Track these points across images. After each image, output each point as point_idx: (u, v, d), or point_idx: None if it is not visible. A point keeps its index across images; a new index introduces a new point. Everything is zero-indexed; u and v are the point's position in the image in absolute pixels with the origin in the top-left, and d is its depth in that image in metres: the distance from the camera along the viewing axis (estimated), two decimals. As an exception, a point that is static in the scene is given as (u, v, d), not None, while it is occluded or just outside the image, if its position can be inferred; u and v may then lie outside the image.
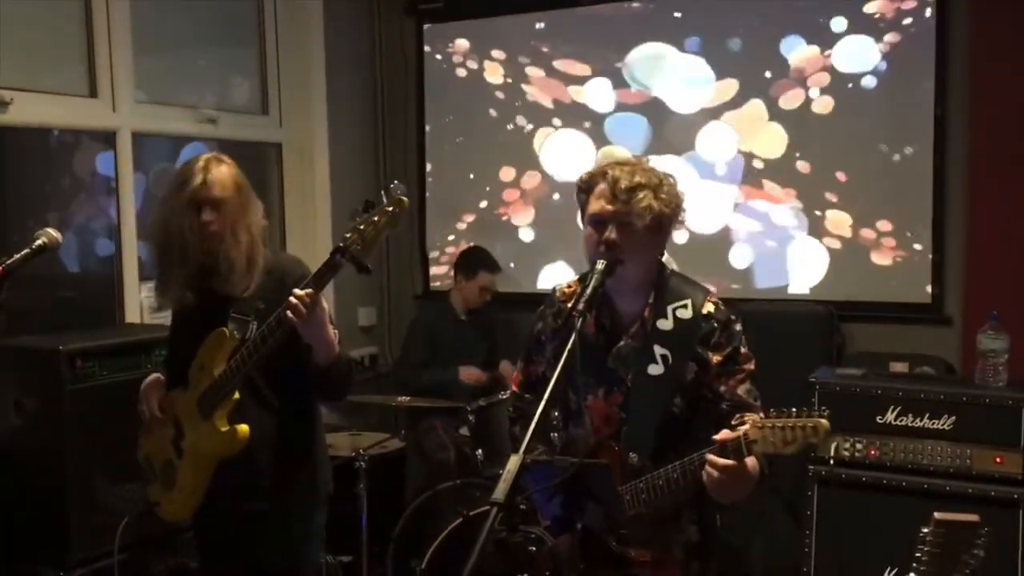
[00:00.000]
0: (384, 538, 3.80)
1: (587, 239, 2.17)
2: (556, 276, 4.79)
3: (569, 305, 2.27)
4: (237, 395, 2.45)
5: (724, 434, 1.94)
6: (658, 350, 2.14)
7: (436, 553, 3.46)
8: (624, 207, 2.08)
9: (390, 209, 2.24)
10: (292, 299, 2.28)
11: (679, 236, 2.85)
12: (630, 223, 2.08)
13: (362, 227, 2.23)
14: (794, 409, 1.88)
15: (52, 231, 2.38)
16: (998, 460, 3.10)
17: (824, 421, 1.85)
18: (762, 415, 1.93)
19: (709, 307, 2.16)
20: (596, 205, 2.12)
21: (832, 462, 3.32)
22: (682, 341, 2.13)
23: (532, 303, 2.53)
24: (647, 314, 2.17)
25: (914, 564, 1.49)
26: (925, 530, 1.48)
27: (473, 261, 4.60)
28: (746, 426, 1.92)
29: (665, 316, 2.15)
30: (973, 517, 1.47)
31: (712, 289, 2.24)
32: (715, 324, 2.14)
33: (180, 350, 2.61)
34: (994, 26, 3.90)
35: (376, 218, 2.23)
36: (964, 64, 4.01)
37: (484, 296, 4.58)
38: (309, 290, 2.28)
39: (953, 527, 1.47)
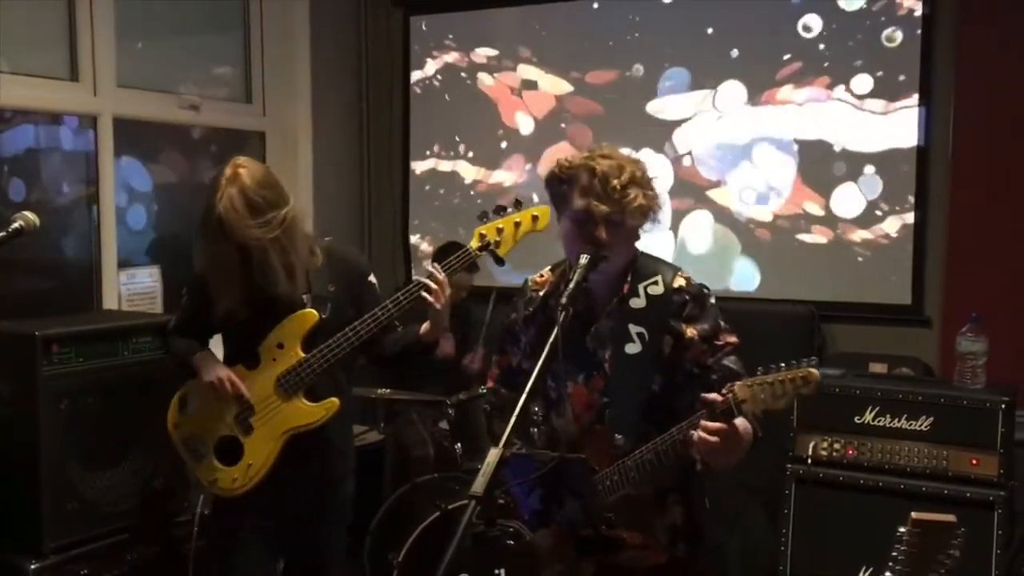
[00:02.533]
0: (362, 531, 3.78)
1: (567, 233, 2.13)
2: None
3: (542, 294, 2.26)
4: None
5: (712, 395, 1.92)
6: (633, 328, 2.12)
7: (414, 546, 3.45)
8: (617, 207, 2.05)
9: (535, 215, 2.50)
10: (431, 282, 2.53)
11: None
12: (622, 222, 2.07)
13: (500, 225, 2.52)
14: (782, 364, 1.87)
15: (30, 214, 2.34)
16: (974, 462, 3.12)
17: (814, 371, 1.85)
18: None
19: (680, 281, 2.16)
20: (583, 202, 2.07)
21: (810, 461, 3.33)
22: (655, 316, 2.12)
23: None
24: (624, 291, 2.16)
25: (890, 563, 1.49)
26: (902, 530, 1.48)
27: None
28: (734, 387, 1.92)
29: (637, 295, 2.14)
30: (950, 517, 1.48)
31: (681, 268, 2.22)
32: (686, 296, 2.13)
33: (235, 331, 2.66)
34: (981, 32, 3.92)
35: (517, 220, 2.51)
36: (949, 69, 4.02)
37: (458, 294, 4.55)
38: (442, 276, 2.55)
39: (930, 527, 1.47)
